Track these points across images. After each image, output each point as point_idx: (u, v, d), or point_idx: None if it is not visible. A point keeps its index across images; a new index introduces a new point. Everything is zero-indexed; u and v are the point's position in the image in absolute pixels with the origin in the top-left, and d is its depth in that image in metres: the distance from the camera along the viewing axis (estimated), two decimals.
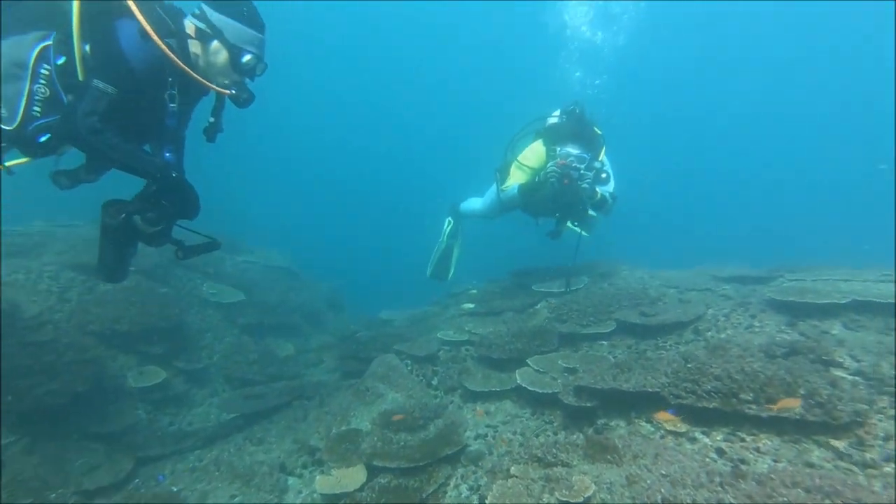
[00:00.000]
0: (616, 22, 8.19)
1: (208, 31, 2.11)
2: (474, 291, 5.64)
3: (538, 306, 4.54)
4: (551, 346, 3.76)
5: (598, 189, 4.36)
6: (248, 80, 2.28)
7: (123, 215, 2.00)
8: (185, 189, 2.11)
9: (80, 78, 1.85)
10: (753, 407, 2.27)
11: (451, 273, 5.77)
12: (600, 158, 4.44)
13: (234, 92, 2.17)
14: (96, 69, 1.85)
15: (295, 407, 3.91)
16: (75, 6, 1.82)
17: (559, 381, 3.28)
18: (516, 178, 4.69)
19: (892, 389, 2.18)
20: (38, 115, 1.82)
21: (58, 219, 4.88)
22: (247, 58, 2.18)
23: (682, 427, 2.52)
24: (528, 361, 3.59)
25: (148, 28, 1.89)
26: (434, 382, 3.95)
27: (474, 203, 5.62)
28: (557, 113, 4.63)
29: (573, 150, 4.23)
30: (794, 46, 19.47)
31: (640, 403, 2.77)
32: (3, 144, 1.90)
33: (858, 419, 2.01)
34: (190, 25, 2.14)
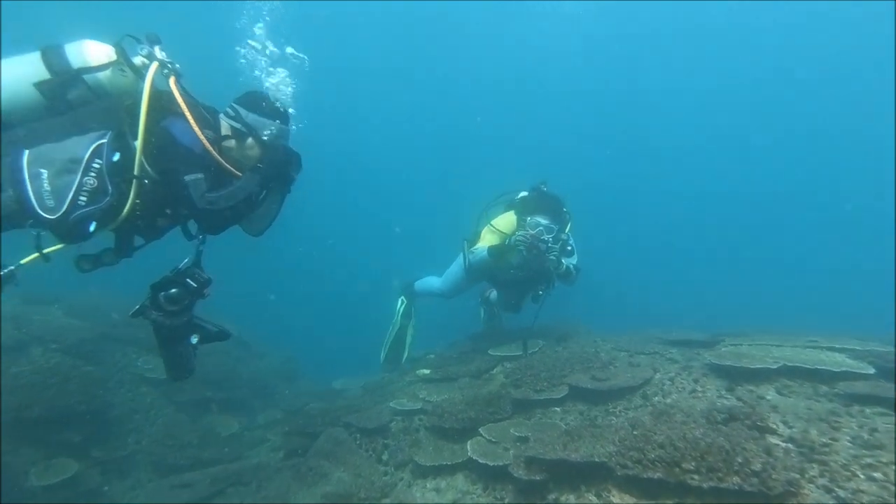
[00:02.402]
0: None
1: (244, 129, 2.34)
2: (432, 356, 5.50)
3: (494, 371, 4.47)
4: (504, 413, 3.66)
5: (563, 261, 4.61)
6: None
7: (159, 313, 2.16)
8: (282, 157, 2.37)
9: (136, 172, 2.04)
10: (696, 477, 2.21)
11: (406, 356, 5.63)
12: (567, 231, 4.69)
13: None
14: (176, 166, 2.09)
15: (229, 495, 3.56)
16: (143, 110, 2.02)
17: (511, 451, 3.16)
18: (487, 241, 4.83)
19: (821, 457, 2.19)
20: (84, 204, 1.95)
21: None
22: None
23: (630, 500, 2.42)
24: (481, 430, 3.46)
25: (202, 138, 2.14)
26: (384, 457, 3.72)
27: (431, 281, 5.63)
28: (526, 193, 4.92)
29: (542, 220, 4.47)
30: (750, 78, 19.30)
31: (589, 474, 2.68)
32: (42, 233, 1.99)
33: (791, 489, 1.99)
34: (224, 124, 2.37)
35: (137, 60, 2.16)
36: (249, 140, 2.35)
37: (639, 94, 21.27)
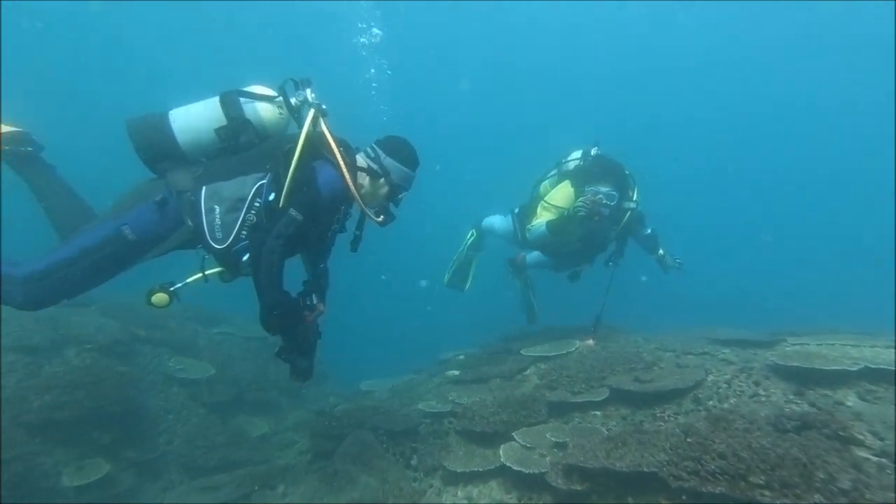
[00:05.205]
0: None
1: (379, 171, 2.50)
2: (462, 357, 5.32)
3: (527, 372, 4.23)
4: (539, 416, 3.44)
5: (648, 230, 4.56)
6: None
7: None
8: (271, 326, 2.42)
9: (281, 204, 2.24)
10: (767, 494, 1.92)
11: (468, 286, 5.63)
12: (634, 199, 4.33)
13: (383, 218, 2.57)
14: (293, 199, 2.25)
15: (255, 499, 3.48)
16: (297, 155, 2.23)
17: (548, 458, 2.95)
18: (544, 217, 4.57)
19: None
20: (244, 238, 2.23)
21: None
22: (403, 194, 2.64)
23: None
24: (515, 435, 3.25)
25: (349, 181, 2.31)
26: (413, 462, 3.56)
27: (495, 221, 5.52)
28: (578, 154, 4.63)
29: (603, 187, 4.15)
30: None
31: (637, 485, 2.43)
32: (207, 256, 2.31)
33: None
34: (361, 161, 2.52)
35: (293, 101, 2.43)
36: (381, 180, 2.52)
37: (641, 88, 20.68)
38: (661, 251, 4.87)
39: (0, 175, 2.48)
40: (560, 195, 4.49)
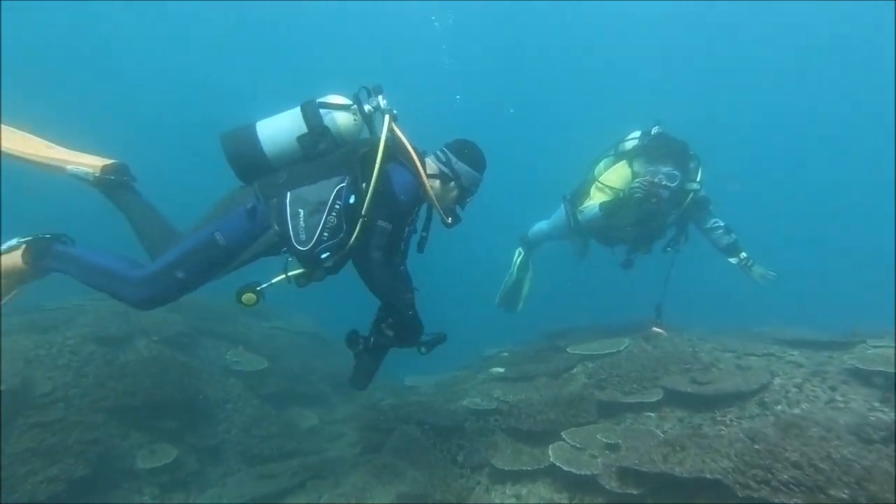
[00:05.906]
0: None
1: (450, 174, 2.62)
2: (506, 354, 5.27)
3: (574, 370, 4.13)
4: (589, 416, 3.36)
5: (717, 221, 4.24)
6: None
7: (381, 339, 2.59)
8: (414, 324, 2.61)
9: (363, 213, 2.33)
10: None
11: (520, 306, 5.59)
12: (697, 180, 4.03)
13: (452, 220, 2.68)
14: (379, 210, 2.36)
15: (308, 488, 3.59)
16: (378, 160, 2.34)
17: (599, 459, 2.86)
18: (598, 199, 4.33)
19: None
20: (326, 239, 2.33)
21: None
22: (471, 198, 2.75)
23: None
24: (563, 435, 3.18)
25: (427, 184, 2.47)
26: (460, 458, 3.56)
27: (541, 226, 5.41)
28: (637, 134, 4.37)
29: (664, 167, 3.89)
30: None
31: (697, 492, 2.31)
32: (290, 259, 2.43)
33: None
34: (432, 165, 2.64)
35: (366, 108, 2.53)
36: (452, 184, 2.63)
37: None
38: (743, 254, 4.32)
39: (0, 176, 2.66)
40: (615, 176, 4.25)
